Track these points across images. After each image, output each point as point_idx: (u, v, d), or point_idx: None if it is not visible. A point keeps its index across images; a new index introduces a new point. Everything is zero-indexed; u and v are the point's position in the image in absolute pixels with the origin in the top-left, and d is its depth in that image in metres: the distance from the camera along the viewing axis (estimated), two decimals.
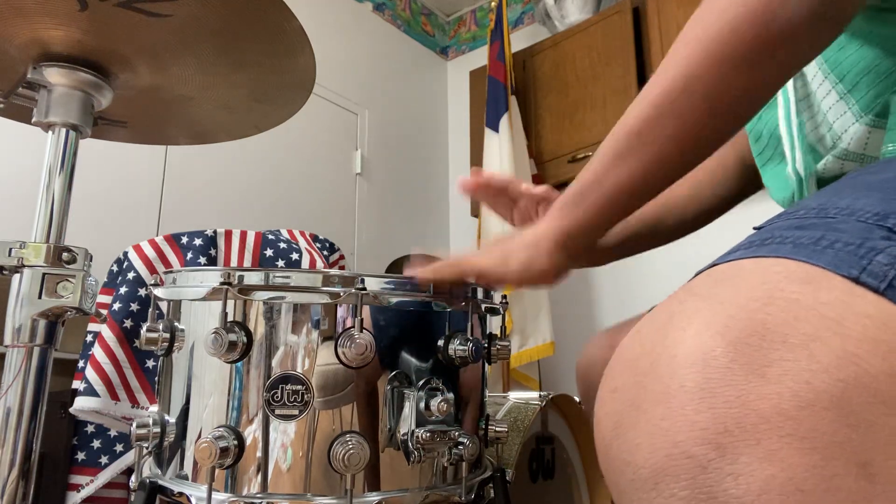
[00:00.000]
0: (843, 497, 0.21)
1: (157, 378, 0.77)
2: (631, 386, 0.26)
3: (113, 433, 1.20)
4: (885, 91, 0.44)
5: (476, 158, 2.63)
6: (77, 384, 1.14)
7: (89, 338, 1.22)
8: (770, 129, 0.58)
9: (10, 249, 0.59)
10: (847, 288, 0.26)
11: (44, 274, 0.59)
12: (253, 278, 0.64)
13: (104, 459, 1.19)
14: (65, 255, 0.61)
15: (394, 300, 0.65)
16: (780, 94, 0.55)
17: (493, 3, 2.62)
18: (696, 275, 0.31)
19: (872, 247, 0.27)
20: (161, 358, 0.71)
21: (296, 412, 0.61)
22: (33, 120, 0.65)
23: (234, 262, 1.28)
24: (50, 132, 0.65)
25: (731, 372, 0.23)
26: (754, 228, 0.35)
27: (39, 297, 0.59)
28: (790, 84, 0.53)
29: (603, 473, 0.27)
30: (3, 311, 0.60)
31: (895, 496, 0.21)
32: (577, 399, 1.12)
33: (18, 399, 0.59)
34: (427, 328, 0.68)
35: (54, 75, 0.64)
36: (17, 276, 0.59)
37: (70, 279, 0.60)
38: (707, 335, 0.25)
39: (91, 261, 0.65)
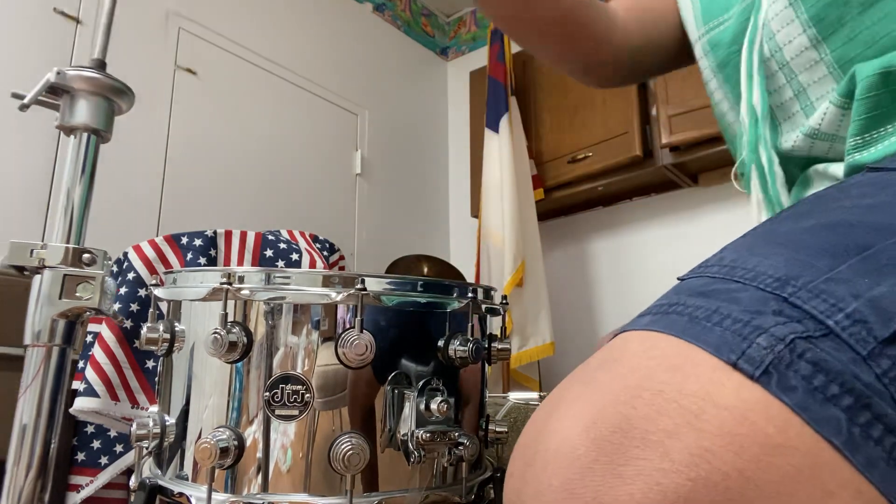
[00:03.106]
0: None
1: (157, 378, 0.77)
2: (519, 475, 0.27)
3: (113, 433, 1.20)
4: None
5: (476, 159, 2.63)
6: (77, 384, 1.14)
7: (89, 338, 1.22)
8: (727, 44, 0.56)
9: (32, 251, 0.60)
10: (719, 375, 0.25)
11: (64, 275, 0.60)
12: (253, 279, 0.64)
13: (104, 460, 1.19)
14: (85, 257, 0.62)
15: (394, 301, 0.65)
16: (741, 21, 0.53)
17: None
18: (615, 335, 0.31)
19: (758, 325, 0.26)
20: (161, 358, 0.71)
21: (296, 412, 0.61)
22: (56, 123, 0.67)
23: (234, 263, 1.28)
24: (72, 136, 0.67)
25: (592, 472, 0.24)
26: (678, 279, 0.35)
27: (59, 298, 0.60)
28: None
29: None
30: (20, 312, 0.60)
31: None
32: None
33: (37, 398, 0.59)
34: (427, 329, 0.68)
35: (77, 80, 0.66)
36: (37, 276, 0.60)
37: (90, 280, 0.61)
38: (575, 431, 0.25)
39: (110, 262, 0.66)
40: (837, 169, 0.46)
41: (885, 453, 0.24)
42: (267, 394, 0.62)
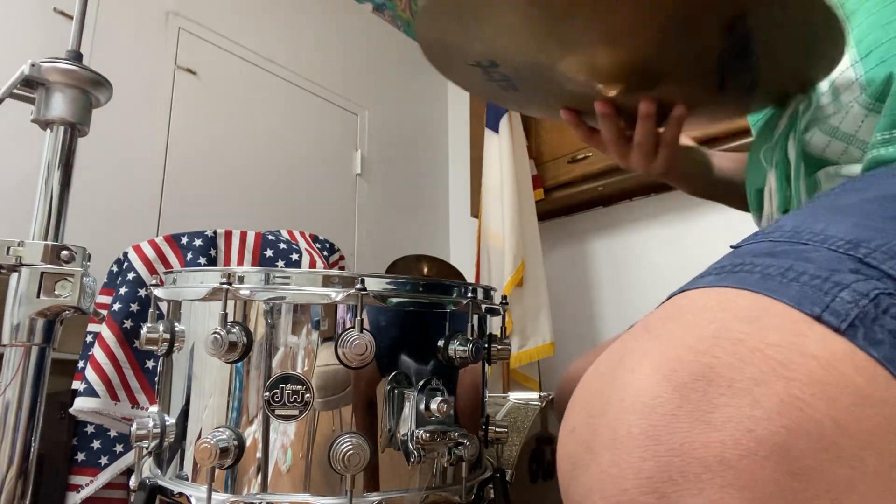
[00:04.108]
0: None
1: (157, 378, 0.77)
2: (584, 428, 0.26)
3: (113, 433, 1.20)
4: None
5: (476, 159, 2.63)
6: (77, 384, 1.13)
7: (89, 338, 1.22)
8: None
9: (9, 248, 0.59)
10: (802, 326, 0.25)
11: (42, 273, 0.59)
12: (253, 279, 0.64)
13: (104, 460, 1.19)
14: (63, 254, 0.61)
15: (394, 300, 0.65)
16: None
17: None
18: (667, 298, 0.31)
19: (838, 281, 0.26)
20: (161, 358, 0.71)
21: (296, 412, 0.61)
22: (31, 117, 0.65)
23: (234, 263, 1.28)
24: (48, 130, 0.65)
25: (677, 419, 0.23)
26: (731, 247, 0.35)
27: (38, 296, 0.59)
28: None
29: None
30: (1, 310, 0.60)
31: None
32: None
33: (17, 398, 0.59)
34: (427, 329, 0.68)
35: (53, 73, 0.64)
36: (14, 274, 0.59)
37: (68, 278, 0.60)
38: (654, 380, 0.25)
39: (89, 260, 0.65)
40: (851, 169, 0.46)
41: None
42: (267, 394, 0.61)
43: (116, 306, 1.16)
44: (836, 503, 0.21)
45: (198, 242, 1.24)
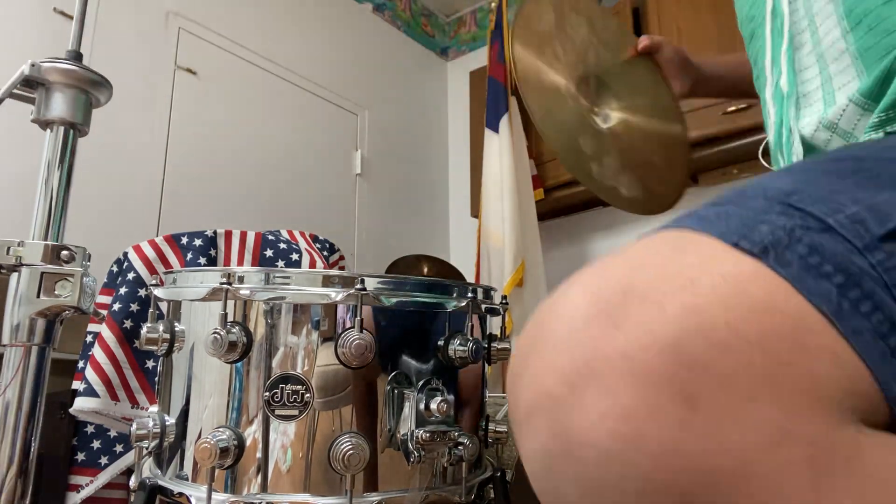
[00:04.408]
0: (665, 422, 0.24)
1: (157, 378, 0.77)
2: (524, 344, 0.30)
3: (113, 433, 1.20)
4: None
5: (476, 159, 2.63)
6: (77, 384, 1.13)
7: (89, 338, 1.22)
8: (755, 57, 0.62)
9: (9, 248, 0.59)
10: (719, 252, 0.28)
11: (42, 273, 0.59)
12: (253, 279, 0.64)
13: (104, 460, 1.19)
14: (63, 254, 0.61)
15: (393, 300, 0.65)
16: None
17: (493, 4, 2.62)
18: None
19: (762, 219, 0.29)
20: (161, 358, 0.71)
21: (296, 412, 0.61)
22: (31, 117, 0.65)
23: (234, 263, 1.28)
24: (48, 130, 0.65)
25: (591, 324, 0.27)
26: None
27: (38, 296, 0.59)
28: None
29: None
30: (1, 310, 0.60)
31: (712, 423, 0.24)
32: None
33: (17, 398, 0.59)
34: (427, 329, 0.68)
35: (53, 73, 0.64)
36: (15, 274, 0.59)
37: (68, 278, 0.60)
38: (581, 296, 0.28)
39: (89, 260, 0.65)
40: None
41: (872, 326, 0.26)
42: (267, 394, 0.61)
43: (116, 306, 1.16)
44: (720, 389, 0.24)
45: (198, 242, 1.24)
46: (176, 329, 0.68)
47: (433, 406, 0.63)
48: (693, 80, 0.88)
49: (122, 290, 1.18)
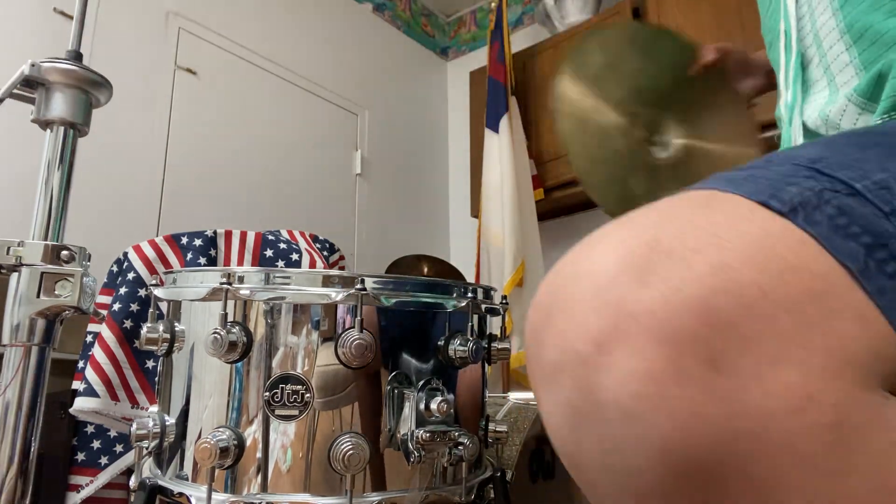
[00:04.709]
0: (689, 383, 0.24)
1: (157, 378, 0.77)
2: (547, 300, 0.30)
3: (113, 433, 1.20)
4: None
5: (476, 159, 2.63)
6: (77, 384, 1.13)
7: (89, 338, 1.22)
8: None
9: (9, 248, 0.59)
10: (746, 211, 0.28)
11: (42, 273, 0.59)
12: (253, 279, 0.64)
13: (104, 460, 1.19)
14: (63, 254, 0.61)
15: (393, 301, 0.65)
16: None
17: (493, 4, 2.62)
18: None
19: (791, 182, 0.29)
20: (161, 358, 0.71)
21: (296, 412, 0.61)
22: (31, 117, 0.65)
23: (234, 263, 1.28)
24: (48, 130, 0.65)
25: (618, 281, 0.26)
26: None
27: (38, 296, 0.59)
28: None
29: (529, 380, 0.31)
30: (1, 310, 0.60)
31: (736, 386, 0.24)
32: None
33: (17, 398, 0.59)
34: (427, 329, 0.68)
35: (53, 73, 0.64)
36: (15, 274, 0.59)
37: (68, 278, 0.60)
38: (606, 251, 0.28)
39: (89, 260, 0.65)
40: None
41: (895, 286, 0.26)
42: (267, 394, 0.61)
43: (116, 306, 1.16)
44: (745, 351, 0.24)
45: (198, 242, 1.24)
46: (176, 329, 0.68)
47: (433, 406, 0.63)
48: (765, 71, 0.82)
49: (122, 290, 1.18)
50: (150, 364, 1.17)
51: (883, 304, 0.26)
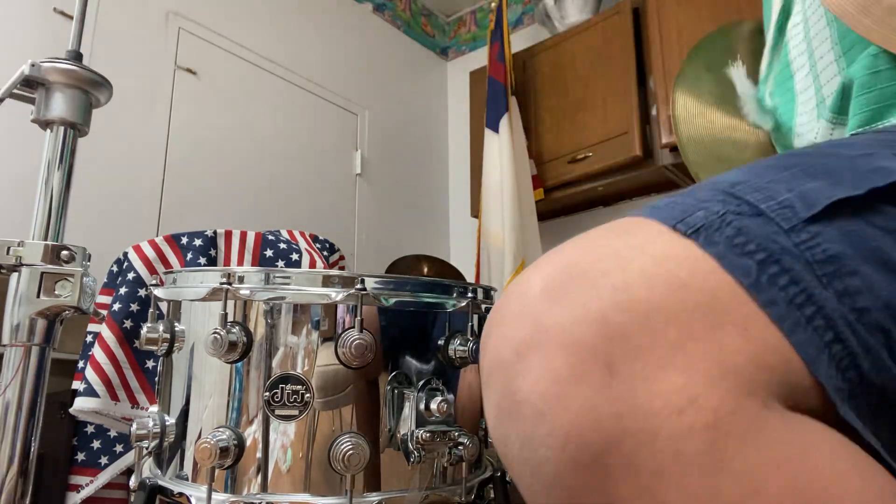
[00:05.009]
0: (586, 385, 0.27)
1: (157, 378, 0.77)
2: (491, 315, 0.34)
3: (113, 433, 1.20)
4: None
5: (476, 159, 2.63)
6: (77, 384, 1.13)
7: (89, 338, 1.22)
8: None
9: (9, 248, 0.59)
10: (656, 234, 0.31)
11: (42, 273, 0.59)
12: (253, 279, 0.64)
13: (104, 460, 1.19)
14: (63, 254, 0.61)
15: (393, 300, 0.65)
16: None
17: (493, 4, 2.63)
18: None
19: (702, 206, 0.32)
20: (161, 358, 0.71)
21: (296, 412, 0.61)
22: (31, 117, 0.65)
23: (233, 263, 1.28)
24: (48, 130, 0.65)
25: (538, 300, 0.30)
26: None
27: (38, 296, 0.59)
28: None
29: None
30: (1, 310, 0.60)
31: (626, 388, 0.27)
32: None
33: (17, 398, 0.59)
34: (427, 329, 0.68)
35: (53, 73, 0.64)
36: (15, 274, 0.59)
37: (68, 278, 0.60)
38: (534, 275, 0.32)
39: (89, 259, 0.65)
40: None
41: (788, 297, 0.29)
42: (267, 394, 0.61)
43: (116, 306, 1.16)
44: (636, 358, 0.27)
45: (198, 242, 1.24)
46: (176, 329, 0.68)
47: (433, 406, 0.63)
48: None
49: (122, 290, 1.18)
50: (150, 364, 1.17)
51: (775, 315, 0.28)
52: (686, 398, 0.26)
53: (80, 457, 1.18)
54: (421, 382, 0.65)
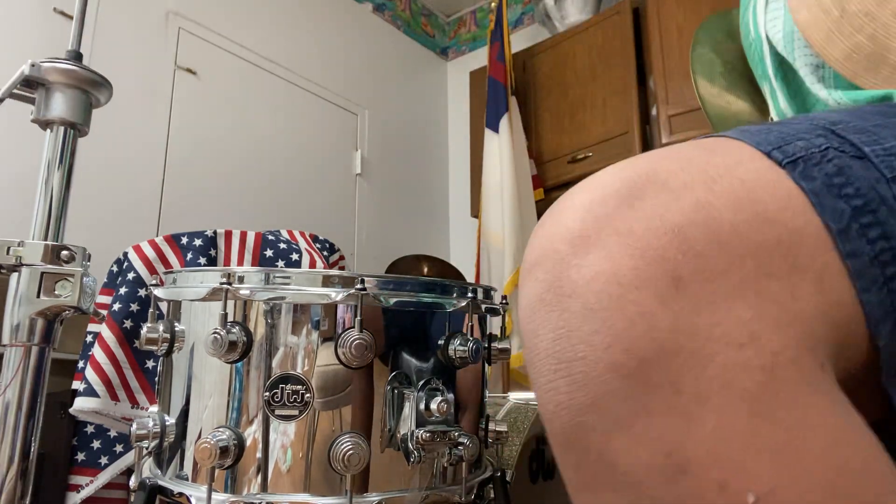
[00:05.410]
0: (649, 293, 0.26)
1: (157, 378, 0.77)
2: (550, 210, 0.32)
3: (113, 433, 1.20)
4: None
5: (476, 159, 2.63)
6: (77, 384, 1.13)
7: (89, 338, 1.22)
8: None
9: (9, 248, 0.59)
10: (746, 157, 0.29)
11: (42, 273, 0.59)
12: (253, 279, 0.64)
13: (104, 460, 1.19)
14: (63, 254, 0.61)
15: (393, 300, 0.65)
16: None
17: (493, 4, 2.63)
18: None
19: (802, 137, 0.30)
20: (161, 358, 0.71)
21: (296, 412, 0.61)
22: (31, 117, 0.65)
23: (234, 263, 1.28)
24: (48, 130, 0.65)
25: (609, 200, 0.28)
26: None
27: (38, 296, 0.59)
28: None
29: None
30: (1, 310, 0.60)
31: (690, 306, 0.25)
32: None
33: (16, 398, 0.59)
34: (427, 329, 0.68)
35: (53, 73, 0.64)
36: (15, 274, 0.59)
37: (68, 278, 0.60)
38: (608, 176, 0.30)
39: (89, 259, 0.65)
40: None
41: (873, 252, 0.27)
42: (267, 394, 0.61)
43: (116, 306, 1.16)
44: (707, 280, 0.26)
45: (198, 242, 1.24)
46: (176, 329, 0.68)
47: (433, 406, 0.63)
48: None
49: (122, 290, 1.18)
50: (150, 364, 1.17)
51: (854, 269, 0.27)
52: (748, 334, 0.25)
53: (80, 457, 1.18)
54: (421, 382, 0.65)
